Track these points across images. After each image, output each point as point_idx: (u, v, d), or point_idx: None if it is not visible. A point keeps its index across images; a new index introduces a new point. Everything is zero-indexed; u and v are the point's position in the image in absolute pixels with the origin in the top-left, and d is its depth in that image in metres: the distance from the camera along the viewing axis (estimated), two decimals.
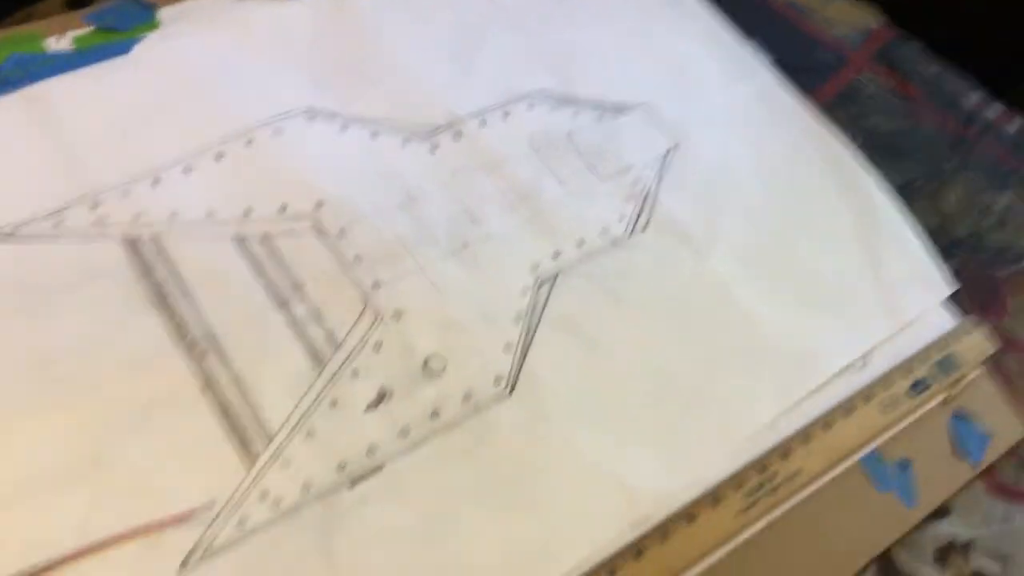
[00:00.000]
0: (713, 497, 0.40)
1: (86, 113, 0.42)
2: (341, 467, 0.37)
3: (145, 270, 0.39)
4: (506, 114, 0.48)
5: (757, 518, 0.40)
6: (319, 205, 0.43)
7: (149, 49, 0.45)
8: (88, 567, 0.33)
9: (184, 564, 0.34)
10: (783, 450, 0.42)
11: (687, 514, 0.39)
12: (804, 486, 0.41)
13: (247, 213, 0.42)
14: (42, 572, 0.32)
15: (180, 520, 0.34)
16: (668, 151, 0.50)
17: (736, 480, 0.40)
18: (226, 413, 0.37)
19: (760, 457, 0.41)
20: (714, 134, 0.51)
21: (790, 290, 0.46)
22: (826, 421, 0.43)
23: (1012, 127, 0.60)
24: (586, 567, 0.37)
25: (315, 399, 0.38)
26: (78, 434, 0.35)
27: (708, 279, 0.46)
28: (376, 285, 0.41)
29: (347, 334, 0.40)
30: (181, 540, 0.34)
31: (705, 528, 0.39)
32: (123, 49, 0.45)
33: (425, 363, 0.40)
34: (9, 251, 0.38)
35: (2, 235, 0.39)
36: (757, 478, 0.41)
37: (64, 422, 0.35)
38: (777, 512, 0.40)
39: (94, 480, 0.34)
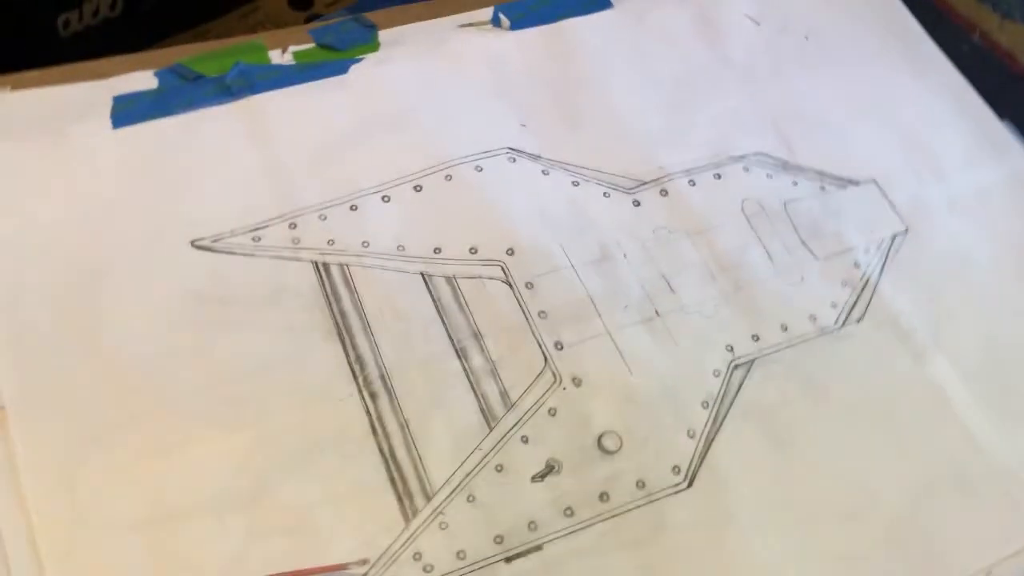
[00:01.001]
0: None
1: (297, 131, 0.42)
2: (499, 540, 0.35)
3: (332, 297, 0.39)
4: (718, 175, 0.45)
5: None
6: (511, 252, 0.41)
7: (365, 72, 0.45)
8: None
9: None
10: None
11: None
12: None
13: (437, 251, 0.40)
14: None
15: (333, 571, 0.33)
16: (896, 235, 0.44)
17: None
18: (390, 461, 0.36)
19: None
20: (952, 221, 0.45)
21: None
22: None
23: None
24: None
25: (481, 460, 0.36)
26: (245, 461, 0.35)
27: (927, 387, 0.41)
28: (559, 345, 0.39)
29: (522, 395, 0.38)
30: None
31: None
32: (340, 69, 0.44)
33: (600, 439, 0.37)
34: (207, 261, 0.39)
35: (203, 246, 0.39)
36: None
37: (233, 446, 0.35)
38: None
39: (255, 512, 0.34)
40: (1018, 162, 0.48)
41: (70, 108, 0.41)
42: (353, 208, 0.41)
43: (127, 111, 0.41)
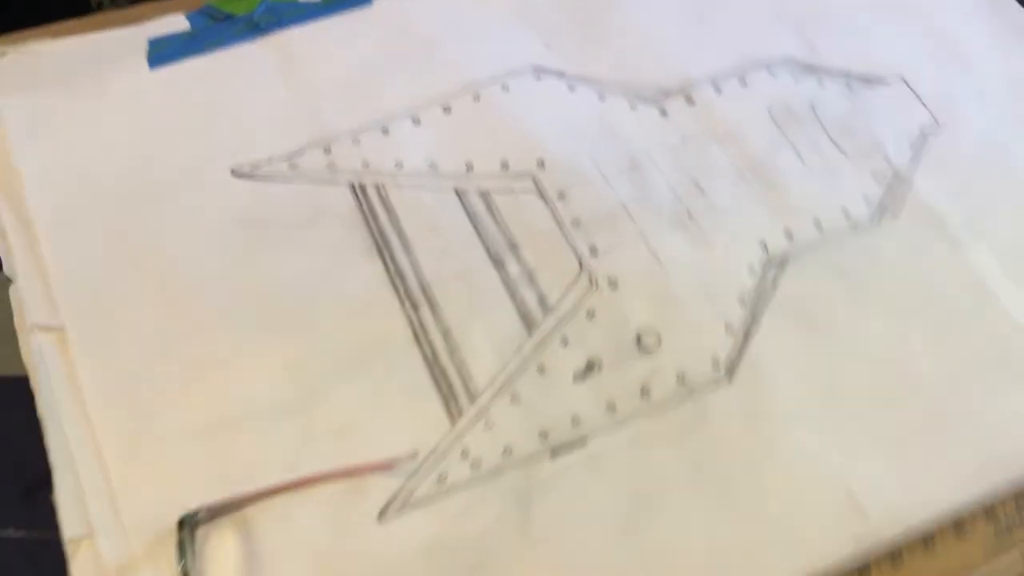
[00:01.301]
0: (957, 524, 0.35)
1: (326, 62, 0.43)
2: (544, 435, 0.35)
3: (369, 217, 0.40)
4: (744, 81, 0.45)
5: (1008, 553, 0.34)
6: (541, 164, 0.41)
7: (389, 2, 0.45)
8: (294, 502, 0.33)
9: (382, 513, 0.33)
10: None
11: (924, 539, 0.34)
12: None
13: (469, 167, 0.41)
14: (252, 500, 0.33)
15: (383, 468, 0.34)
16: (927, 129, 0.44)
17: (987, 508, 0.35)
18: (434, 366, 0.36)
19: (1018, 487, 0.36)
20: (983, 111, 0.45)
21: None
22: None
23: None
24: None
25: (523, 362, 0.37)
26: (294, 370, 0.36)
27: (966, 276, 0.40)
28: (593, 251, 0.40)
29: (560, 299, 0.38)
30: (381, 488, 0.34)
31: (945, 558, 0.34)
32: (365, 0, 0.45)
33: (638, 337, 0.38)
34: (247, 188, 0.40)
35: (242, 173, 0.40)
36: (1013, 509, 0.35)
37: (282, 357, 0.36)
38: None
39: (306, 416, 0.35)
40: None
41: (107, 53, 0.43)
42: (384, 131, 0.42)
43: (161, 52, 0.43)
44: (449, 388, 0.36)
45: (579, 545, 0.33)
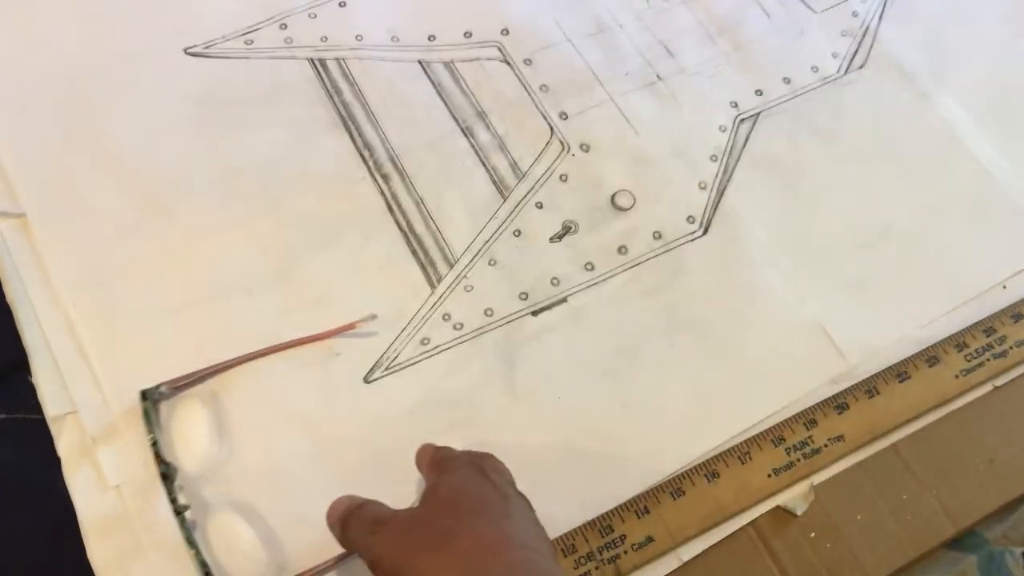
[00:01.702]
0: (930, 356, 0.36)
1: None
2: (524, 296, 0.35)
3: (332, 91, 0.39)
4: None
5: (980, 383, 0.35)
6: (505, 32, 0.41)
7: None
8: (277, 366, 0.33)
9: (368, 376, 0.33)
10: (1014, 313, 0.37)
11: (899, 371, 0.35)
12: None
13: (432, 38, 0.40)
14: (236, 365, 0.33)
15: (344, 330, 0.33)
16: None
17: (957, 341, 0.36)
18: (410, 235, 0.36)
19: (987, 319, 0.37)
20: None
21: None
22: None
23: None
24: (782, 416, 0.34)
25: (498, 227, 0.37)
26: (269, 244, 0.35)
27: (934, 123, 0.41)
28: (563, 116, 0.39)
29: (532, 164, 0.38)
30: (366, 353, 0.34)
31: (919, 388, 0.35)
32: None
33: (613, 198, 0.38)
34: (203, 67, 0.38)
35: (196, 52, 0.39)
36: (983, 340, 0.36)
37: (255, 233, 0.35)
38: (1005, 378, 0.36)
39: (284, 288, 0.34)
40: None
41: None
42: (342, 4, 0.40)
43: None
44: (426, 255, 0.36)
45: (565, 395, 0.34)
